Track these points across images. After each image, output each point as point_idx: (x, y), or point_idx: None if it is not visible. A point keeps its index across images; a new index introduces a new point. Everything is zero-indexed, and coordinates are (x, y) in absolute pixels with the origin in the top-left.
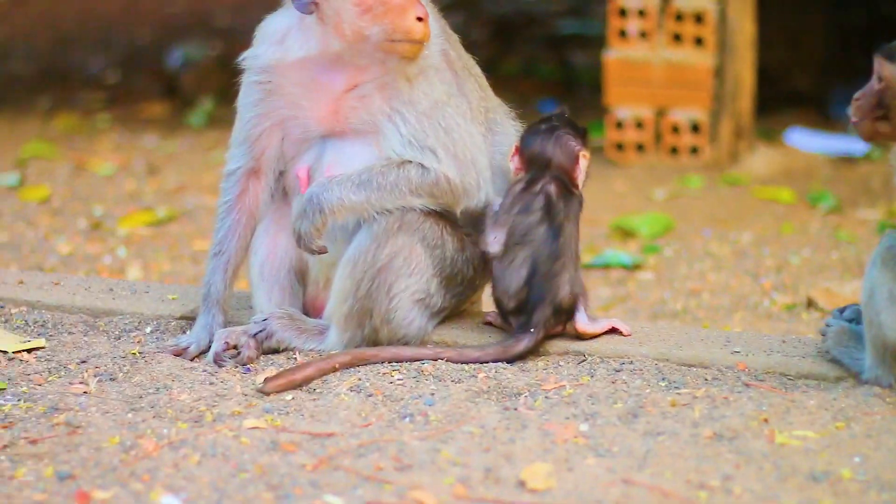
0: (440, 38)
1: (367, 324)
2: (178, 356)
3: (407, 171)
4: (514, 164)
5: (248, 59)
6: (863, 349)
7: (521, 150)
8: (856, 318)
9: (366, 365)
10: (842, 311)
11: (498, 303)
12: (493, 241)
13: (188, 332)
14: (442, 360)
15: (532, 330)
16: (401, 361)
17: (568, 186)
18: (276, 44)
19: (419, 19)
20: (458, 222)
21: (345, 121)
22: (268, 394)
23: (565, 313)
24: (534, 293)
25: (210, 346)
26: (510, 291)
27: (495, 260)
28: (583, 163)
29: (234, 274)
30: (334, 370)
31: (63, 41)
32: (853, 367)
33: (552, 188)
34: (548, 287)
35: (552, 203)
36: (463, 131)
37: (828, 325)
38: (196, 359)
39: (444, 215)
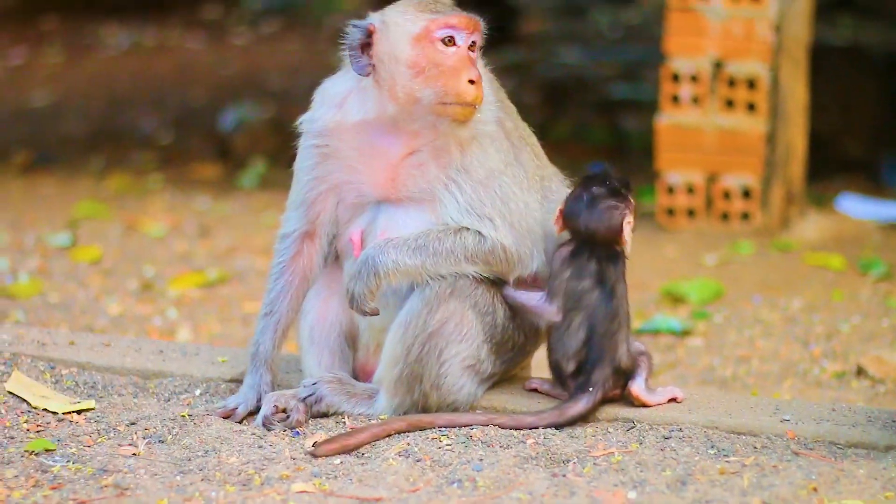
0: (495, 107)
1: (416, 389)
2: (226, 418)
3: (464, 238)
4: (558, 226)
5: (305, 122)
6: None
7: (565, 219)
8: None
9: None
10: None
11: (556, 367)
12: (556, 311)
13: (236, 394)
14: (496, 426)
15: (591, 389)
16: (455, 427)
17: (614, 248)
18: (335, 107)
19: (471, 82)
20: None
21: (402, 187)
22: (318, 457)
23: (624, 375)
24: (593, 353)
25: (258, 407)
26: (569, 354)
27: (553, 327)
28: (627, 229)
29: (284, 335)
30: (388, 436)
31: (116, 102)
32: None
33: (601, 252)
34: (607, 346)
35: (603, 267)
36: (519, 200)
37: None
38: (245, 422)
39: (495, 281)
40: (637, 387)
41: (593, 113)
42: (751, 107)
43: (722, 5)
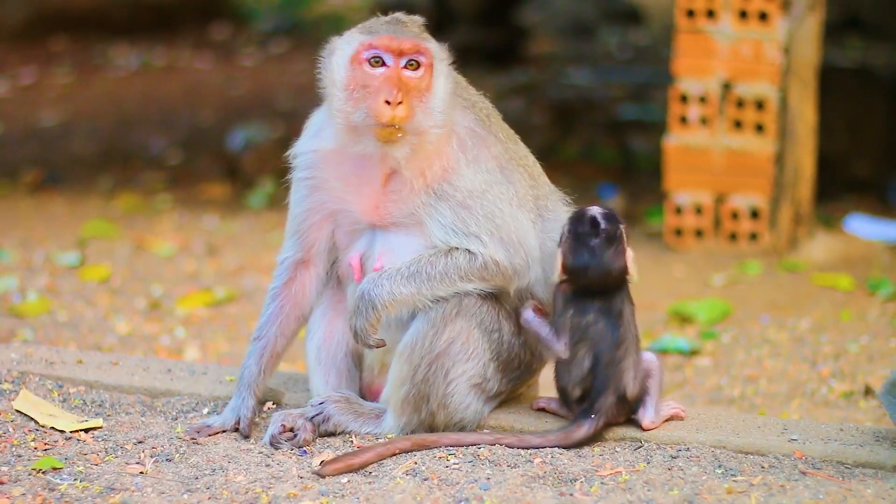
0: (473, 128)
1: (423, 408)
2: (197, 433)
3: (455, 259)
4: (556, 276)
5: (293, 154)
6: None
7: (570, 274)
8: None
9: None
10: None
11: (563, 392)
12: (564, 348)
13: (218, 414)
14: (502, 445)
15: (593, 416)
16: (461, 447)
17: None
18: (313, 137)
19: (387, 102)
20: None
21: (387, 214)
22: (324, 476)
23: (629, 404)
24: (598, 380)
25: (235, 428)
26: (575, 381)
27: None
28: (632, 267)
29: (273, 359)
30: (394, 455)
31: (125, 122)
32: None
33: (610, 293)
34: (612, 374)
35: (607, 298)
36: (506, 216)
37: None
38: (252, 440)
39: (500, 300)
40: (648, 421)
41: (602, 133)
42: (759, 128)
43: (730, 27)
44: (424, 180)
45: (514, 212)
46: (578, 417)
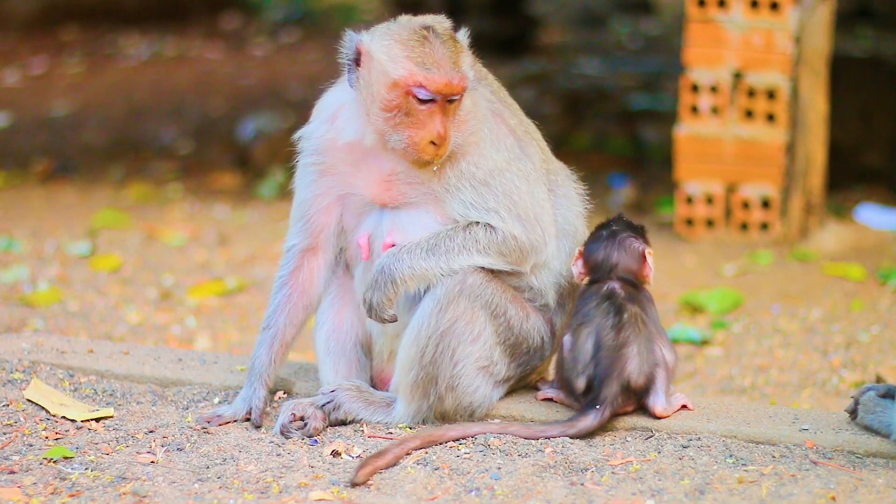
0: (494, 105)
1: (432, 392)
2: (208, 422)
3: (474, 233)
4: (576, 268)
5: (302, 138)
6: (890, 414)
7: (586, 257)
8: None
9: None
10: (871, 388)
11: (568, 384)
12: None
13: (229, 403)
14: (509, 434)
15: (598, 406)
16: (467, 437)
17: (634, 284)
18: (327, 122)
19: (433, 143)
20: (524, 292)
21: (400, 196)
22: (360, 484)
23: (636, 394)
24: (600, 368)
25: (246, 418)
26: (578, 369)
27: (563, 343)
28: (650, 259)
29: (282, 348)
30: (408, 454)
31: (136, 111)
32: (882, 429)
33: (616, 285)
34: (614, 361)
35: (612, 291)
36: (524, 192)
37: (857, 402)
38: (263, 429)
39: (506, 284)
40: (661, 408)
41: (613, 123)
42: (770, 117)
43: (742, 16)
44: (444, 166)
45: (531, 188)
46: (584, 407)
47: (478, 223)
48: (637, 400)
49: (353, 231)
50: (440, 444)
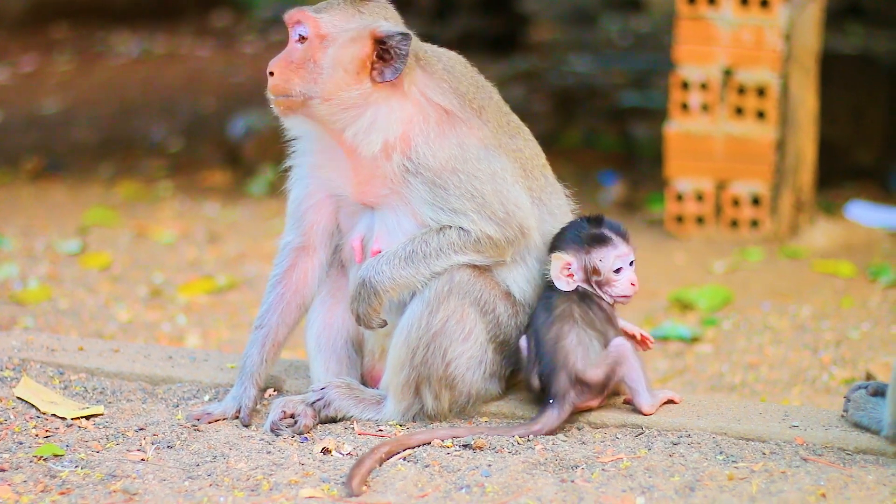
0: (449, 103)
1: (425, 391)
2: (197, 420)
3: (448, 236)
4: (563, 276)
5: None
6: (880, 410)
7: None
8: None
9: (406, 451)
10: (861, 386)
11: (527, 385)
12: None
13: (219, 401)
14: (479, 436)
15: (552, 401)
16: (440, 439)
17: (591, 296)
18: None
19: (271, 73)
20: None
21: (371, 194)
22: (359, 495)
23: (593, 387)
24: (544, 364)
25: (235, 416)
26: (530, 367)
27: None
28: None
29: (274, 348)
30: (384, 460)
31: (126, 109)
32: (872, 425)
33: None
34: (555, 354)
35: (551, 292)
36: (488, 192)
37: (848, 400)
38: (253, 427)
39: (494, 281)
40: (648, 405)
41: (603, 121)
42: (760, 114)
43: (732, 13)
44: (387, 155)
45: (497, 186)
46: (543, 405)
47: (451, 227)
48: (601, 394)
49: (348, 232)
50: (407, 448)
